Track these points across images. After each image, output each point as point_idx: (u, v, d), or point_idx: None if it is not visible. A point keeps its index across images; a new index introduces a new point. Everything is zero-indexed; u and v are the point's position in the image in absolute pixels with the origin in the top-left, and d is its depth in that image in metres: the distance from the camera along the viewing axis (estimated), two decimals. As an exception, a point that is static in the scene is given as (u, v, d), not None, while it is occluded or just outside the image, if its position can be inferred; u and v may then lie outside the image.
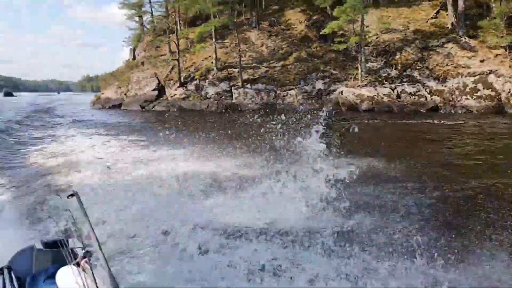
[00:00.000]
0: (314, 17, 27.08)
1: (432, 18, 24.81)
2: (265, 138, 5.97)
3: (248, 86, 25.03)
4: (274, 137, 5.71)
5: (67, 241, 1.83)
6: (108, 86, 31.38)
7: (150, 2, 32.71)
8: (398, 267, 3.13)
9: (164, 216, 4.14)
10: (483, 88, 21.24)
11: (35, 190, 5.96)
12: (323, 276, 3.02)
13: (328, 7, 25.77)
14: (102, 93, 31.04)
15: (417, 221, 4.31)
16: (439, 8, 25.06)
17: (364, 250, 3.42)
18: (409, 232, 3.85)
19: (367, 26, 24.19)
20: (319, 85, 24.14)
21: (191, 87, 26.02)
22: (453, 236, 3.94)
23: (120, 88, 29.43)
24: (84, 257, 1.67)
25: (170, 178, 6.00)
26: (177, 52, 26.83)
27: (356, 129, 9.02)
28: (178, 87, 26.42)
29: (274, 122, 5.86)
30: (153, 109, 25.77)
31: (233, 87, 25.16)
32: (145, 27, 33.61)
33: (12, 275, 1.67)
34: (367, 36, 23.92)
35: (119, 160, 8.02)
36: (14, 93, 77.01)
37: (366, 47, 23.83)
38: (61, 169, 7.27)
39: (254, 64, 25.99)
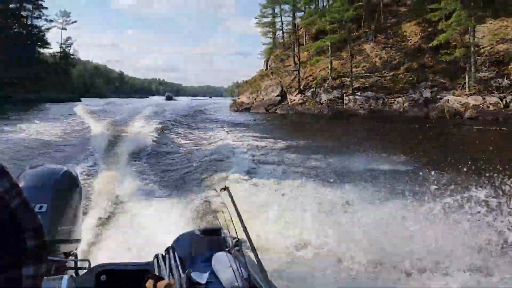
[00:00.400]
0: (429, 29, 28.21)
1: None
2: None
3: (359, 93, 27.76)
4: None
5: (221, 230, 1.99)
6: (244, 92, 37.59)
7: (281, 21, 37.95)
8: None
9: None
10: None
11: (196, 181, 6.89)
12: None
13: (443, 19, 26.72)
14: (238, 98, 37.44)
15: None
16: None
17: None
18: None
19: (482, 37, 24.52)
20: (427, 93, 25.45)
21: (308, 94, 29.97)
22: None
23: (251, 94, 35.21)
24: (235, 245, 1.77)
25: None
26: (298, 63, 31.16)
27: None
28: (297, 93, 30.65)
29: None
30: (275, 112, 30.56)
31: (344, 94, 28.21)
32: (276, 42, 38.94)
33: (176, 255, 1.81)
34: (480, 47, 24.28)
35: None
36: (174, 97, 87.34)
37: (478, 57, 24.23)
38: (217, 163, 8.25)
39: (366, 74, 28.55)
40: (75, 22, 69.93)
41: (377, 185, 5.32)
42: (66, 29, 61.02)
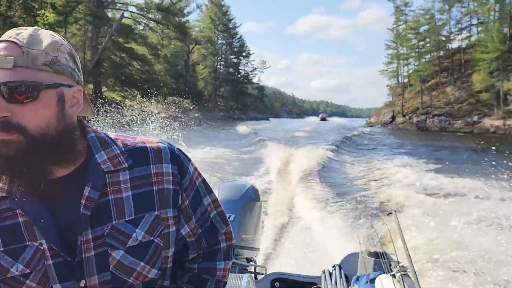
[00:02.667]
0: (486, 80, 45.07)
1: None
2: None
3: (436, 118, 46.38)
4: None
5: (386, 254, 2.05)
6: (373, 115, 59.09)
7: (397, 72, 58.18)
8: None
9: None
10: None
11: (362, 204, 7.30)
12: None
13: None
14: (369, 119, 59.22)
15: None
16: None
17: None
18: None
19: (513, 84, 40.90)
20: (474, 118, 42.78)
21: (407, 117, 49.76)
22: None
23: (377, 116, 56.36)
24: (400, 270, 1.80)
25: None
26: (402, 100, 51.39)
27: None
28: (402, 117, 50.63)
29: None
30: (387, 127, 51.23)
31: (427, 118, 47.22)
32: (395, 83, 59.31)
33: (342, 272, 1.92)
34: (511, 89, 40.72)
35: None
36: (327, 118, 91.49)
37: (509, 96, 40.71)
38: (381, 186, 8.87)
39: (442, 106, 46.89)
40: (269, 67, 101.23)
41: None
42: (263, 72, 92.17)
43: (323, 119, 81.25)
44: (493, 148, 15.66)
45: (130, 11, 37.16)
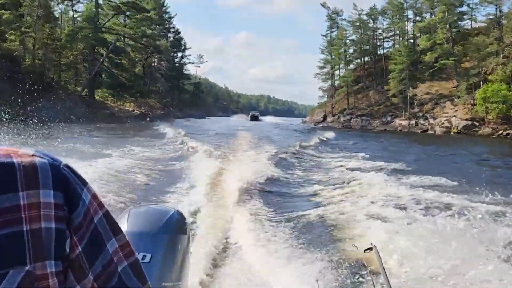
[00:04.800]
0: (399, 85, 54.37)
1: None
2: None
3: (359, 118, 55.04)
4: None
5: None
6: (310, 114, 67.22)
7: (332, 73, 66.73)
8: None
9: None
10: None
11: (323, 233, 5.99)
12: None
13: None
14: (305, 118, 67.40)
15: None
16: None
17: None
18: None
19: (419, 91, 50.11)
20: (388, 118, 51.73)
21: (336, 117, 58.15)
22: None
23: (311, 116, 64.50)
24: None
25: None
26: (332, 101, 59.81)
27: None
28: (332, 116, 58.97)
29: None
30: (319, 126, 59.39)
31: (352, 118, 55.79)
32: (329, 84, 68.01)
33: None
34: (416, 95, 49.96)
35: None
36: (260, 117, 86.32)
37: (415, 100, 49.93)
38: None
39: (364, 107, 55.65)
40: (206, 62, 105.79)
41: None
42: (199, 66, 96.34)
43: (254, 118, 74.88)
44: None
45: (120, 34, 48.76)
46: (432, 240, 4.81)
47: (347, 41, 62.12)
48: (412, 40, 55.59)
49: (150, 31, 55.44)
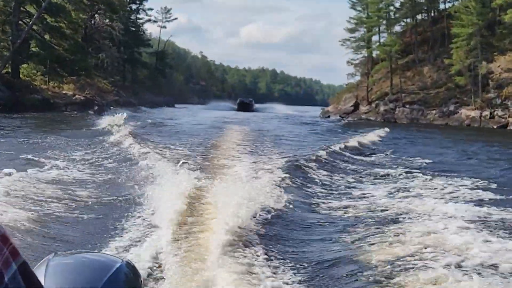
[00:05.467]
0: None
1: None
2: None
3: (407, 106, 57.53)
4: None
5: None
6: (333, 102, 70.03)
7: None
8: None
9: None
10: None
11: None
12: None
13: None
14: (327, 108, 70.28)
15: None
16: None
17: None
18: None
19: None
20: (451, 107, 54.32)
21: (373, 105, 60.65)
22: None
23: (337, 104, 67.19)
24: None
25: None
26: (367, 80, 62.43)
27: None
28: (367, 105, 61.48)
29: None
30: (345, 119, 61.88)
31: (397, 106, 58.26)
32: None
33: None
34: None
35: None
36: (254, 104, 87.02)
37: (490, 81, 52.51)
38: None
39: (417, 91, 58.17)
40: (175, 19, 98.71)
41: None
42: (165, 27, 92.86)
43: (244, 107, 77.02)
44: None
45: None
46: None
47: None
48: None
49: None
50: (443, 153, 22.73)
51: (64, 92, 46.78)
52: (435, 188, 12.47)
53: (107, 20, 60.15)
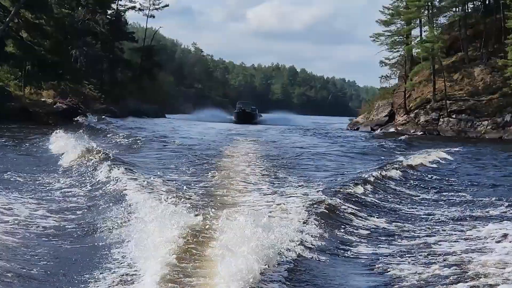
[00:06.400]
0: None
1: None
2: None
3: (454, 116, 56.72)
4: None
5: None
6: (363, 111, 69.60)
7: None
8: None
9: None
10: None
11: None
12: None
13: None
14: (356, 118, 69.79)
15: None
16: None
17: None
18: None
19: None
20: (508, 117, 53.62)
21: (412, 115, 60.05)
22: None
23: (368, 113, 66.70)
24: None
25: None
26: (404, 85, 61.81)
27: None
28: (404, 114, 60.87)
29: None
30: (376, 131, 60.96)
31: (441, 116, 57.61)
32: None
33: None
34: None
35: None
36: (259, 115, 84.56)
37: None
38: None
39: (466, 97, 57.46)
40: (166, 6, 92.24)
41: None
42: (154, 17, 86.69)
43: (244, 117, 73.52)
44: None
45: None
46: None
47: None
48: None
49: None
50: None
51: (42, 99, 46.48)
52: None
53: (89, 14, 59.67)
